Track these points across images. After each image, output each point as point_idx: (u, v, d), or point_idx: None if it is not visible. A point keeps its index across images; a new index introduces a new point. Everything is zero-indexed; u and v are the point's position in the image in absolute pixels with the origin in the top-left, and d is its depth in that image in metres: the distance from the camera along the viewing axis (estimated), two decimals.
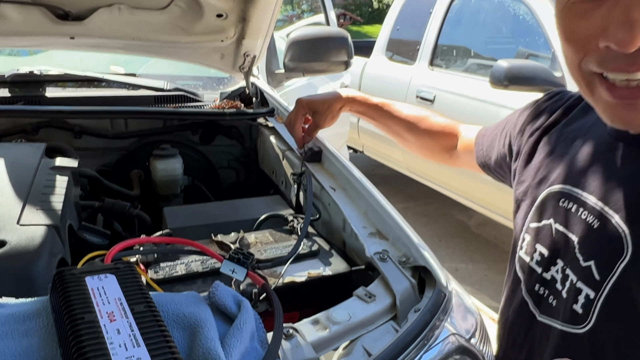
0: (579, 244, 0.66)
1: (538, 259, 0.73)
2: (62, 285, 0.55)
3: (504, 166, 0.96)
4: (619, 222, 0.61)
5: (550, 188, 0.74)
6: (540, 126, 0.83)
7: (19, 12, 1.37)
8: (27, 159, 1.11)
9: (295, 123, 1.24)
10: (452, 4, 3.78)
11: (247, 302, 0.63)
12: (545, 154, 0.79)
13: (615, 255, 0.60)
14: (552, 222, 0.72)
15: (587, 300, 0.63)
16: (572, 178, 0.71)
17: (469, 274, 3.28)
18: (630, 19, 0.50)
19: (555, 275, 0.70)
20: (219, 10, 1.47)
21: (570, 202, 0.69)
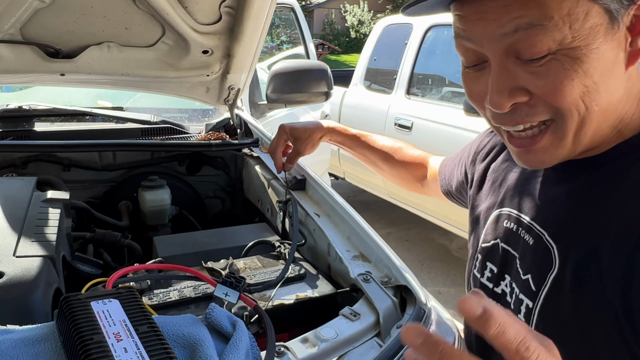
0: (519, 259, 0.75)
1: (489, 275, 0.81)
2: (70, 310, 0.59)
3: (463, 193, 1.04)
4: (548, 238, 0.69)
5: (496, 211, 0.83)
6: (487, 156, 0.92)
7: (11, 51, 1.42)
8: (19, 193, 1.14)
9: (277, 148, 1.29)
10: (427, 35, 3.95)
11: (242, 322, 0.67)
12: (492, 181, 0.88)
13: (547, 267, 0.68)
14: (499, 242, 0.80)
15: (527, 309, 0.70)
16: (512, 201, 0.80)
17: (451, 297, 3.33)
18: (497, 87, 0.61)
19: (505, 289, 0.77)
20: (205, 47, 1.54)
21: (512, 223, 0.78)
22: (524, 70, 0.59)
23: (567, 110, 0.60)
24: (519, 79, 0.60)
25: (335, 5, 27.48)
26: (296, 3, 3.73)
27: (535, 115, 0.62)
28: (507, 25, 0.57)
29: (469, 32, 0.62)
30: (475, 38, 0.61)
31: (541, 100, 0.60)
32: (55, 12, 1.36)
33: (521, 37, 0.57)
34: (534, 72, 0.59)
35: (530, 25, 0.56)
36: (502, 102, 0.61)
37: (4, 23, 1.34)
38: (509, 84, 0.60)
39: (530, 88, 0.60)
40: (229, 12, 1.45)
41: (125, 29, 1.46)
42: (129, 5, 1.39)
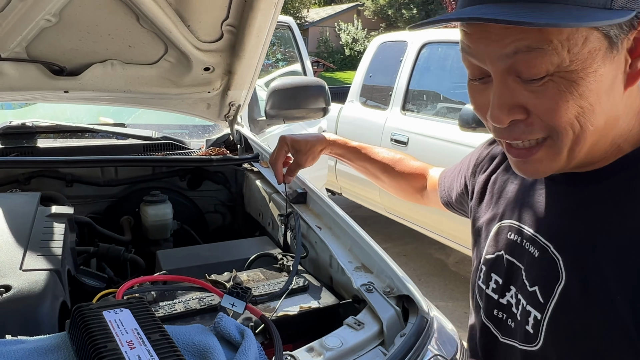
0: (525, 271, 0.76)
1: (494, 286, 0.82)
2: (83, 319, 0.60)
3: (464, 203, 1.06)
4: (554, 250, 0.71)
5: (499, 223, 0.85)
6: (487, 168, 0.94)
7: (16, 69, 1.45)
8: (23, 208, 1.15)
9: (277, 160, 1.28)
10: (421, 51, 4.01)
11: (250, 331, 0.69)
12: (493, 193, 0.89)
13: (554, 279, 0.69)
14: (503, 253, 0.82)
15: (535, 321, 0.71)
16: (515, 213, 0.81)
17: (449, 311, 3.34)
18: (497, 103, 0.63)
19: (510, 300, 0.79)
20: (207, 64, 1.57)
21: (516, 235, 0.80)
22: (523, 89, 0.62)
23: (562, 128, 0.62)
24: (518, 96, 0.62)
25: (330, 23, 27.86)
26: (293, 21, 3.80)
27: (531, 133, 0.64)
28: (508, 47, 0.59)
29: (473, 49, 0.64)
30: (479, 55, 0.63)
31: (538, 119, 0.63)
32: (61, 31, 1.39)
33: (520, 59, 0.59)
34: (533, 91, 0.61)
35: (529, 48, 0.58)
36: (501, 118, 0.64)
37: (11, 41, 1.36)
38: (508, 100, 0.63)
39: (528, 106, 0.62)
40: (230, 31, 1.49)
41: (129, 47, 1.49)
42: (132, 23, 1.42)
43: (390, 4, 27.51)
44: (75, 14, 1.35)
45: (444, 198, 1.14)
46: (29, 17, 1.31)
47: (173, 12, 1.39)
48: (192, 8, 1.39)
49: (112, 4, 1.35)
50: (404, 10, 26.64)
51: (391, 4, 27.48)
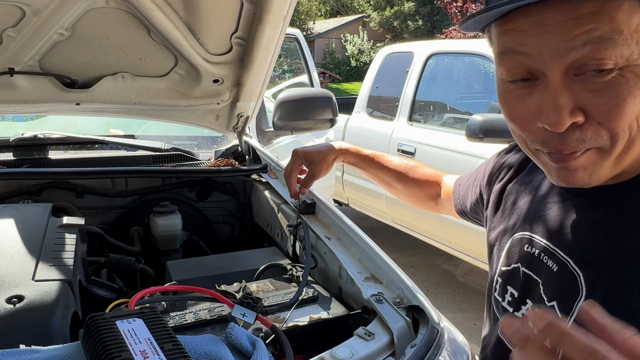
0: (543, 285, 0.74)
1: (509, 299, 0.81)
2: (96, 329, 0.61)
3: (479, 212, 1.04)
4: (574, 265, 0.69)
5: (515, 235, 0.83)
6: (503, 177, 0.92)
7: (29, 82, 1.47)
8: (35, 219, 1.17)
9: (292, 173, 1.29)
10: (427, 63, 4.03)
11: (261, 341, 0.69)
12: (509, 203, 0.88)
13: (573, 295, 0.68)
14: (519, 266, 0.80)
15: None
16: (533, 226, 0.80)
17: (458, 323, 3.30)
18: (557, 105, 0.59)
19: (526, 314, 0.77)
20: (216, 76, 1.59)
21: (533, 248, 0.78)
22: (583, 88, 0.58)
23: (621, 129, 0.59)
24: (578, 97, 0.59)
25: (336, 35, 28.05)
26: (300, 33, 3.84)
27: (584, 142, 0.61)
28: (577, 39, 0.56)
29: (527, 46, 0.60)
30: (534, 53, 0.60)
31: (594, 125, 0.60)
32: (73, 45, 1.41)
33: (590, 51, 0.56)
34: (595, 90, 0.58)
35: (600, 38, 0.55)
36: (561, 121, 0.59)
37: (24, 55, 1.39)
38: (569, 102, 0.59)
39: (588, 107, 0.59)
40: (239, 43, 1.51)
41: (140, 60, 1.51)
42: (143, 37, 1.44)
43: (396, 16, 27.68)
44: (88, 27, 1.38)
45: (458, 206, 1.12)
46: (43, 31, 1.34)
47: (183, 26, 1.41)
48: (202, 21, 1.42)
49: (124, 17, 1.38)
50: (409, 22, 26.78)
51: (397, 15, 27.65)
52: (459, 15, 16.50)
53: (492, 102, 3.53)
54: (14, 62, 1.40)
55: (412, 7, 26.92)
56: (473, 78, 3.85)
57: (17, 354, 0.63)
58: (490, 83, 3.57)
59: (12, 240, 1.03)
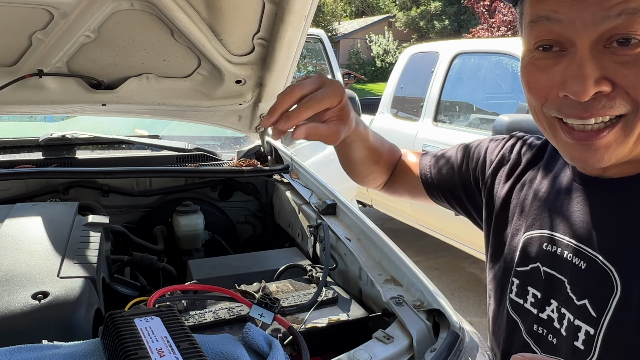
0: (570, 284, 0.72)
1: (532, 300, 0.78)
2: (115, 326, 0.61)
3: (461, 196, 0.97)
4: (604, 261, 0.67)
5: (529, 233, 0.80)
6: (512, 173, 0.88)
7: (57, 83, 1.51)
8: (62, 217, 1.19)
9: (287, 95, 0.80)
10: (453, 62, 3.98)
11: (278, 342, 0.69)
12: (520, 201, 0.84)
13: (607, 292, 0.65)
14: (539, 265, 0.77)
15: (588, 336, 0.67)
16: (551, 223, 0.77)
17: (483, 327, 3.23)
18: (583, 74, 0.59)
19: (551, 315, 0.74)
20: (238, 77, 1.60)
21: (554, 246, 0.75)
22: (612, 60, 0.59)
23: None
24: (607, 68, 0.59)
25: (361, 35, 27.98)
26: (324, 34, 3.84)
27: (612, 109, 0.60)
28: (613, 9, 0.57)
29: (562, 14, 0.60)
30: (567, 20, 0.60)
31: (622, 93, 0.59)
32: (100, 46, 1.44)
33: (624, 22, 0.56)
34: (624, 62, 0.58)
35: (636, 10, 0.56)
36: (586, 89, 0.59)
37: (53, 57, 1.43)
38: (595, 71, 0.59)
39: (616, 78, 0.59)
40: (261, 44, 1.51)
41: (164, 61, 1.53)
42: (167, 38, 1.46)
43: (422, 16, 27.44)
44: (113, 30, 1.41)
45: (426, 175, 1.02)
46: (70, 33, 1.37)
47: (206, 27, 1.43)
48: (224, 22, 1.43)
49: (148, 19, 1.40)
50: (435, 22, 26.53)
51: (423, 15, 27.42)
52: (486, 14, 16.25)
53: (519, 102, 3.45)
54: (42, 64, 1.44)
55: (438, 6, 26.65)
56: (500, 78, 3.78)
57: (38, 349, 0.64)
58: (518, 82, 3.49)
59: (39, 237, 1.06)
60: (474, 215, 0.99)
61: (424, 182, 1.04)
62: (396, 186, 1.12)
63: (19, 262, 0.94)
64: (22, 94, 1.49)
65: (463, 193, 0.99)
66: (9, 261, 0.94)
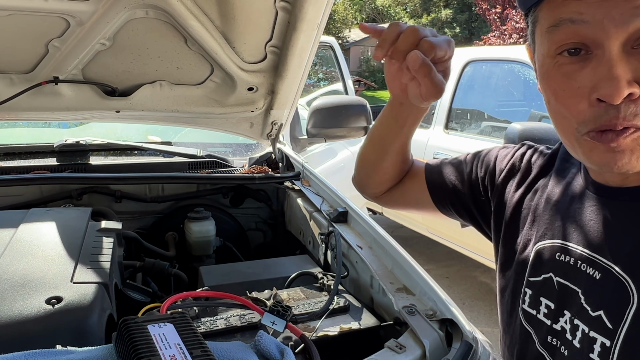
0: (584, 294, 0.70)
1: (545, 311, 0.76)
2: (128, 332, 0.61)
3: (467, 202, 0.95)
4: (620, 272, 0.65)
5: (542, 243, 0.79)
6: (522, 182, 0.87)
7: (72, 90, 1.53)
8: (76, 222, 1.20)
9: None
10: (464, 70, 3.96)
11: (290, 350, 0.68)
12: (532, 210, 0.83)
13: (623, 303, 0.64)
14: (552, 276, 0.75)
15: (604, 348, 0.66)
16: (564, 233, 0.75)
17: (495, 338, 3.17)
18: (614, 75, 0.57)
19: (564, 326, 0.73)
20: (250, 84, 1.61)
21: (567, 256, 0.74)
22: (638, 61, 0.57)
23: None
24: (637, 69, 0.57)
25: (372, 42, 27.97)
26: (335, 41, 3.85)
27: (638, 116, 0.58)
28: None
29: (586, 14, 0.58)
30: (595, 20, 0.58)
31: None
32: (114, 54, 1.46)
33: None
34: None
35: None
36: (619, 91, 0.57)
37: (68, 64, 1.45)
38: (627, 72, 0.57)
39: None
40: (274, 51, 1.52)
41: (177, 69, 1.54)
42: (181, 46, 1.48)
43: (433, 23, 27.43)
44: (128, 37, 1.42)
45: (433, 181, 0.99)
46: (86, 41, 1.39)
47: (219, 35, 1.44)
48: (237, 30, 1.44)
49: (162, 27, 1.41)
50: (446, 29, 26.49)
51: (433, 22, 27.41)
52: (497, 21, 16.21)
53: (532, 110, 3.43)
54: (58, 71, 1.46)
55: (449, 14, 26.64)
56: (512, 85, 3.76)
57: (52, 354, 0.64)
58: (530, 90, 3.47)
59: (53, 242, 1.07)
60: (481, 224, 0.97)
61: (430, 189, 1.01)
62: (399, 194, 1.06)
63: (33, 267, 0.95)
64: (38, 100, 1.52)
65: (471, 202, 0.97)
66: (23, 266, 0.95)
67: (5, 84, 1.48)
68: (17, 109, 1.52)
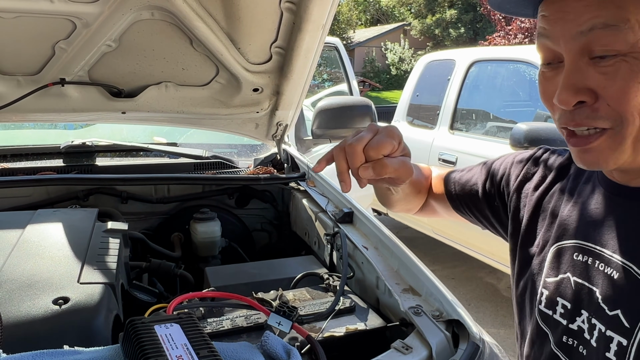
0: (601, 294, 0.70)
1: (561, 311, 0.77)
2: (135, 333, 0.62)
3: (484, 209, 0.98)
4: (638, 271, 0.66)
5: (560, 243, 0.79)
6: (540, 185, 0.88)
7: (79, 91, 1.54)
8: (82, 223, 1.21)
9: None
10: (470, 70, 3.95)
11: (296, 351, 0.68)
12: (549, 212, 0.84)
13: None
14: (570, 276, 0.76)
15: (620, 347, 0.66)
16: (582, 233, 0.76)
17: (500, 339, 3.18)
18: (566, 84, 0.63)
19: (581, 326, 0.73)
20: (256, 85, 1.61)
21: (585, 256, 0.74)
22: (594, 71, 0.62)
23: (629, 114, 0.61)
24: (588, 78, 0.62)
25: (376, 43, 28.01)
26: (339, 42, 3.85)
27: (594, 120, 0.63)
28: (585, 24, 0.60)
29: (549, 30, 0.65)
30: (554, 36, 0.65)
31: (604, 105, 0.62)
32: (120, 55, 1.47)
33: (596, 36, 0.60)
34: (604, 73, 0.61)
35: (605, 25, 0.59)
36: (568, 99, 0.63)
37: (75, 66, 1.45)
38: (578, 82, 0.63)
39: (597, 89, 0.62)
40: (279, 52, 1.52)
41: (182, 70, 1.55)
42: (186, 47, 1.48)
43: (437, 23, 27.37)
44: (134, 39, 1.43)
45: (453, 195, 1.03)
46: (92, 43, 1.40)
47: (224, 36, 1.44)
48: (243, 31, 1.44)
49: (168, 29, 1.42)
50: (451, 30, 26.43)
51: (438, 23, 27.34)
52: (502, 22, 16.15)
53: (537, 110, 3.42)
54: (65, 73, 1.47)
55: (454, 14, 26.57)
56: (517, 85, 3.75)
57: (60, 354, 0.64)
58: (536, 90, 3.45)
59: (60, 243, 1.07)
60: (499, 230, 0.99)
61: (449, 199, 1.06)
62: (429, 207, 1.13)
63: (40, 268, 0.95)
64: (44, 102, 1.52)
65: (487, 208, 0.99)
66: (30, 266, 0.96)
67: (13, 86, 1.48)
68: (24, 110, 1.53)
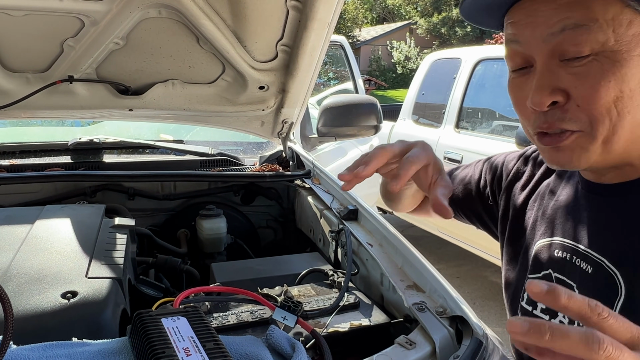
0: (578, 288, 0.73)
1: (543, 307, 0.78)
2: (143, 325, 0.63)
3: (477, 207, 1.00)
4: (609, 265, 0.68)
5: (542, 241, 0.82)
6: (527, 184, 0.91)
7: (87, 89, 1.55)
8: (90, 219, 1.22)
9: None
10: (476, 69, 3.94)
11: (301, 345, 0.69)
12: (534, 211, 0.86)
13: (613, 295, 0.67)
14: (551, 272, 0.79)
15: None
16: (562, 230, 0.79)
17: (506, 338, 3.18)
18: (539, 85, 0.64)
19: (563, 320, 0.75)
20: (261, 83, 1.62)
21: (564, 252, 0.77)
22: (565, 72, 0.63)
23: (599, 114, 0.62)
24: (560, 79, 0.63)
25: (382, 42, 27.96)
26: (345, 40, 3.85)
27: (565, 122, 0.64)
28: (555, 26, 0.62)
29: (519, 35, 0.66)
30: (524, 40, 0.66)
31: (574, 106, 0.63)
32: (128, 53, 1.48)
33: (567, 36, 0.61)
34: (575, 73, 0.62)
35: (576, 25, 0.60)
36: (541, 100, 0.64)
37: (83, 63, 1.47)
38: (550, 83, 0.64)
39: (569, 89, 0.63)
40: (284, 50, 1.53)
41: (189, 67, 1.56)
42: (193, 45, 1.49)
43: (444, 22, 27.29)
44: (141, 37, 1.44)
45: None
46: (100, 40, 1.41)
47: (231, 34, 1.45)
48: (248, 29, 1.45)
49: (175, 27, 1.43)
50: (457, 28, 26.35)
51: (444, 21, 27.26)
52: None
53: None
54: (73, 70, 1.48)
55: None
56: None
57: (69, 346, 0.66)
58: None
59: (68, 238, 1.09)
60: (492, 229, 1.01)
61: None
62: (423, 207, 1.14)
63: (49, 262, 0.97)
64: (53, 99, 1.54)
65: (481, 207, 1.01)
66: (39, 261, 0.97)
67: (21, 83, 1.50)
68: (32, 107, 1.54)
